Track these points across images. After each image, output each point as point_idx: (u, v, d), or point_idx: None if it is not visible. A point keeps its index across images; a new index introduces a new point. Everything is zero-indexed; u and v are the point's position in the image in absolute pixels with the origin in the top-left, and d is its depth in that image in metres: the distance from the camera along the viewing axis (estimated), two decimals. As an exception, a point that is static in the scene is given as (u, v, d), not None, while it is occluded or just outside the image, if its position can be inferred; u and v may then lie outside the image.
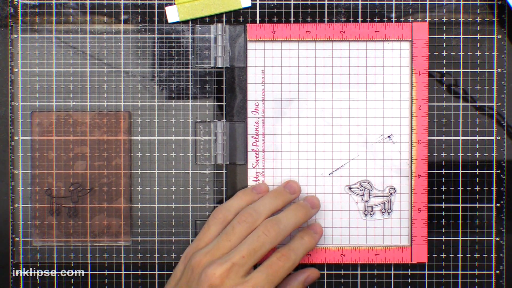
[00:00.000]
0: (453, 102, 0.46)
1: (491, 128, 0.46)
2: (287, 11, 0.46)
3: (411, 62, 0.45)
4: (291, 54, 0.45)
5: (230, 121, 0.45)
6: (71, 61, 0.46)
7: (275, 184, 0.45)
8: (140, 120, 0.46)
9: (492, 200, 0.46)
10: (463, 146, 0.46)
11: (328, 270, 0.46)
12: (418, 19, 0.46)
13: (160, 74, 0.46)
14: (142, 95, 0.46)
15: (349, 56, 0.45)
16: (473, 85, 0.46)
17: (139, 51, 0.46)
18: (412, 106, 0.45)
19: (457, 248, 0.46)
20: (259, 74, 0.45)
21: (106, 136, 0.46)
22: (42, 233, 0.45)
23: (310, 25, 0.45)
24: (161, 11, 0.46)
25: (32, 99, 0.45)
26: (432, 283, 0.46)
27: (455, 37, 0.46)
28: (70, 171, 0.45)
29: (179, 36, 0.46)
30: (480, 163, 0.46)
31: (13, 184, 0.45)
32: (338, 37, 0.45)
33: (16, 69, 0.45)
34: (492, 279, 0.46)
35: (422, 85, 0.45)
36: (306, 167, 0.45)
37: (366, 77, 0.45)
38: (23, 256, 0.46)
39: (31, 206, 0.45)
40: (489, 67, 0.46)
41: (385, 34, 0.45)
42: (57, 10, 0.46)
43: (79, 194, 0.45)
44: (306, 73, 0.45)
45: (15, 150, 0.45)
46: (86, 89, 0.46)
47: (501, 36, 0.46)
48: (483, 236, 0.46)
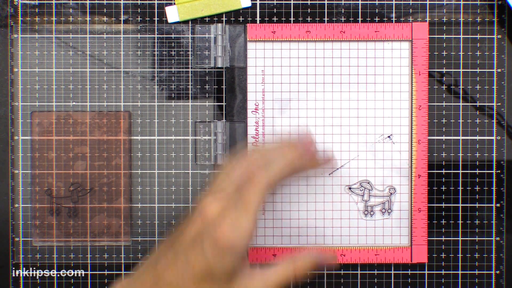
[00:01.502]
0: (453, 102, 0.46)
1: (491, 128, 0.46)
2: (287, 11, 0.46)
3: (411, 62, 0.45)
4: (291, 54, 0.45)
5: (230, 121, 0.45)
6: (71, 61, 0.46)
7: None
8: (140, 120, 0.46)
9: (492, 200, 0.46)
10: (463, 146, 0.46)
11: (328, 270, 0.46)
12: (418, 19, 0.46)
13: (160, 74, 0.46)
14: (142, 95, 0.46)
15: (349, 56, 0.45)
16: (473, 85, 0.46)
17: (139, 51, 0.46)
18: (412, 106, 0.45)
19: (457, 248, 0.46)
20: (259, 74, 0.45)
21: (106, 136, 0.46)
22: (42, 233, 0.45)
23: (310, 25, 0.45)
24: (161, 11, 0.46)
25: (32, 99, 0.45)
26: (432, 283, 0.46)
27: (455, 37, 0.46)
28: (70, 171, 0.45)
29: (179, 36, 0.46)
30: (480, 163, 0.46)
31: (13, 184, 0.45)
32: (338, 37, 0.45)
33: (16, 69, 0.45)
34: (492, 279, 0.46)
35: (422, 85, 0.45)
36: (306, 167, 0.45)
37: (366, 77, 0.45)
38: (23, 256, 0.46)
39: (31, 206, 0.45)
40: (489, 67, 0.46)
41: (385, 34, 0.45)
42: (57, 10, 0.46)
43: (79, 194, 0.45)
44: (306, 73, 0.45)
45: (15, 150, 0.45)
46: (86, 89, 0.46)
47: (501, 36, 0.46)
48: (483, 236, 0.46)
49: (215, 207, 0.38)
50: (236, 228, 0.37)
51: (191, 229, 0.38)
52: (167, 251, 0.38)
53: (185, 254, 0.37)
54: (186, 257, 0.37)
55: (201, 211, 0.38)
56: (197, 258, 0.37)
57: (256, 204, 0.37)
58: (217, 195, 0.38)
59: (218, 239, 0.37)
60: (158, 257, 0.39)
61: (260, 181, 0.38)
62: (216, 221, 0.37)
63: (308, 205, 0.45)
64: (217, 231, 0.37)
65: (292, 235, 0.45)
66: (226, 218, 0.37)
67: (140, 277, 0.39)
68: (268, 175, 0.38)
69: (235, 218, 0.37)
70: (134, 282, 0.38)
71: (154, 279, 0.38)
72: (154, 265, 0.38)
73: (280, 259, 0.41)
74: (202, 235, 0.37)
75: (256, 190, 0.38)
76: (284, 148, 0.40)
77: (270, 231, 0.45)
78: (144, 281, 0.38)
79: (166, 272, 0.38)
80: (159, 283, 0.37)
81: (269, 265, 0.40)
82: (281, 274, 0.40)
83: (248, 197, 0.37)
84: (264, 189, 0.38)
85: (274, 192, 0.45)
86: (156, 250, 0.40)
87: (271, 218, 0.45)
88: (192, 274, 0.37)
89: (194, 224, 0.38)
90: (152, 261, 0.39)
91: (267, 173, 0.38)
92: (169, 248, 0.39)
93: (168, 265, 0.38)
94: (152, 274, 0.38)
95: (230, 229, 0.37)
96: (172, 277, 0.37)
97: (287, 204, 0.45)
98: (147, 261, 0.40)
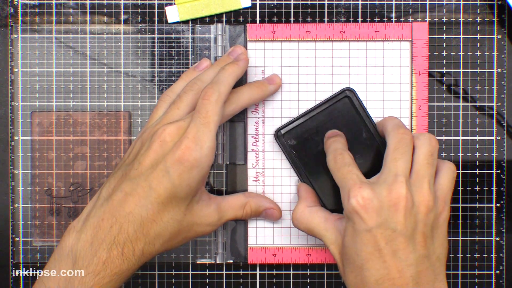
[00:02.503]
0: (453, 102, 0.46)
1: (491, 128, 0.46)
2: (287, 11, 0.46)
3: (411, 62, 0.45)
4: (291, 54, 0.45)
5: (230, 121, 0.45)
6: (71, 61, 0.46)
7: (275, 184, 0.45)
8: (140, 120, 0.46)
9: (492, 200, 0.46)
10: (463, 146, 0.46)
11: (328, 270, 0.46)
12: (418, 19, 0.46)
13: (160, 74, 0.46)
14: (142, 95, 0.46)
15: (349, 56, 0.45)
16: (473, 85, 0.46)
17: (139, 51, 0.46)
18: (412, 106, 0.45)
19: (457, 248, 0.46)
20: (259, 74, 0.45)
21: (106, 136, 0.46)
22: (42, 233, 0.45)
23: (310, 25, 0.45)
24: (161, 11, 0.46)
25: (32, 99, 0.45)
26: (432, 283, 0.46)
27: (455, 37, 0.46)
28: (70, 171, 0.45)
29: (179, 36, 0.46)
30: (480, 163, 0.46)
31: (13, 184, 0.45)
32: (338, 37, 0.45)
33: (16, 69, 0.45)
34: (492, 279, 0.46)
35: (422, 85, 0.45)
36: (306, 167, 0.45)
37: (366, 77, 0.45)
38: (23, 256, 0.46)
39: (31, 206, 0.45)
40: (489, 67, 0.46)
41: (385, 34, 0.45)
42: (57, 10, 0.46)
43: (79, 194, 0.45)
44: (306, 73, 0.45)
45: (15, 150, 0.45)
46: (86, 89, 0.46)
47: (501, 36, 0.46)
48: (483, 236, 0.46)
49: (172, 129, 0.38)
50: (198, 142, 0.37)
51: (149, 156, 0.38)
52: (123, 183, 0.38)
53: (146, 181, 0.37)
54: (148, 183, 0.37)
55: (158, 138, 0.38)
56: (160, 181, 0.37)
57: (214, 117, 0.38)
58: (174, 122, 0.38)
59: (182, 156, 0.37)
60: (111, 191, 0.38)
61: (213, 95, 0.38)
62: (177, 141, 0.37)
63: (308, 205, 0.45)
64: (180, 149, 0.37)
65: (292, 235, 0.45)
66: (187, 135, 0.37)
67: (94, 214, 0.38)
68: (218, 88, 0.38)
69: (196, 133, 0.37)
70: (88, 221, 0.38)
71: (110, 212, 0.37)
72: (108, 199, 0.38)
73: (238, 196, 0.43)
74: (163, 157, 0.37)
75: (210, 103, 0.38)
76: (225, 67, 0.40)
77: (270, 231, 0.45)
78: (99, 217, 0.37)
79: (125, 202, 0.37)
80: (118, 216, 0.37)
81: (225, 196, 0.42)
82: (234, 211, 0.42)
83: (204, 112, 0.38)
84: (218, 101, 0.38)
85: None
86: (105, 186, 0.39)
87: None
88: (155, 198, 0.37)
89: (151, 151, 0.38)
90: (103, 197, 0.38)
91: (217, 86, 0.39)
92: (124, 180, 0.38)
93: (126, 195, 0.37)
94: (107, 208, 0.37)
95: (192, 145, 0.37)
96: (132, 206, 0.37)
97: (287, 204, 0.45)
98: (96, 198, 0.39)
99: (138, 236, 0.37)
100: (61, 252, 0.37)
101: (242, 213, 0.43)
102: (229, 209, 0.42)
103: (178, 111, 0.40)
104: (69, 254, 0.37)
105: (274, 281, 0.46)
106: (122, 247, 0.36)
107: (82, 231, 0.37)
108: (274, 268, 0.46)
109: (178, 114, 0.40)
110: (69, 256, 0.37)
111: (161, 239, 0.38)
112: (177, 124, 0.38)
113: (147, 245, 0.37)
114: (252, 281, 0.46)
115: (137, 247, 0.37)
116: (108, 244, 0.36)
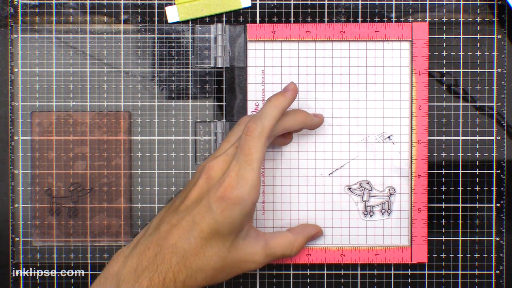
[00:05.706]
0: (453, 102, 0.46)
1: (491, 128, 0.46)
2: (287, 11, 0.46)
3: (411, 62, 0.45)
4: (291, 54, 0.45)
5: (230, 121, 0.45)
6: (71, 61, 0.46)
7: (275, 184, 0.45)
8: (140, 120, 0.46)
9: (492, 200, 0.46)
10: (463, 146, 0.46)
11: (328, 270, 0.46)
12: (418, 19, 0.46)
13: (160, 74, 0.46)
14: (142, 95, 0.46)
15: (349, 56, 0.45)
16: (473, 85, 0.46)
17: (139, 51, 0.46)
18: (412, 106, 0.45)
19: (457, 248, 0.46)
20: (259, 74, 0.45)
21: (106, 136, 0.46)
22: (42, 233, 0.45)
23: (310, 25, 0.45)
24: (161, 11, 0.46)
25: (32, 99, 0.45)
26: (432, 283, 0.46)
27: (455, 37, 0.46)
28: (70, 171, 0.45)
29: (179, 36, 0.46)
30: (480, 163, 0.46)
31: (13, 184, 0.45)
32: (338, 37, 0.45)
33: (16, 69, 0.45)
34: (492, 279, 0.46)
35: (422, 85, 0.45)
36: (306, 167, 0.45)
37: (366, 77, 0.45)
38: (23, 256, 0.46)
39: (31, 206, 0.45)
40: (489, 67, 0.46)
41: (385, 34, 0.45)
42: (57, 10, 0.46)
43: (79, 194, 0.45)
44: (306, 73, 0.45)
45: (15, 150, 0.45)
46: (86, 89, 0.46)
47: (501, 36, 0.46)
48: (483, 236, 0.46)
49: (218, 166, 0.38)
50: (240, 180, 0.37)
51: (195, 191, 0.38)
52: (170, 215, 0.39)
53: (190, 215, 0.38)
54: (192, 217, 0.38)
55: (204, 174, 0.38)
56: (203, 217, 0.37)
57: (257, 154, 0.38)
58: (218, 157, 0.39)
59: (224, 194, 0.37)
60: (160, 221, 0.39)
61: (256, 130, 0.38)
62: (221, 178, 0.38)
63: (308, 205, 0.45)
64: (222, 186, 0.37)
65: (292, 235, 0.45)
66: (229, 173, 0.37)
67: (142, 243, 0.39)
68: (262, 123, 0.38)
69: (238, 171, 0.37)
70: (136, 248, 0.39)
71: (157, 242, 0.38)
72: (156, 229, 0.38)
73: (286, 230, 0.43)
74: (208, 194, 0.38)
75: (254, 139, 0.38)
76: (271, 99, 0.40)
77: (270, 231, 0.45)
78: (146, 246, 0.38)
79: (170, 234, 0.38)
80: (163, 246, 0.37)
81: (273, 233, 0.42)
82: (282, 250, 0.41)
83: (247, 149, 0.38)
84: (261, 137, 0.38)
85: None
86: (157, 216, 0.40)
87: (271, 218, 0.45)
88: (198, 232, 0.37)
89: (197, 186, 0.38)
90: (153, 226, 0.39)
91: (260, 121, 0.38)
92: (171, 212, 0.39)
93: (172, 227, 0.38)
94: (154, 238, 0.38)
95: (235, 182, 0.37)
96: (176, 238, 0.38)
97: (287, 204, 0.45)
98: (147, 228, 0.40)
99: (180, 268, 0.37)
100: (107, 275, 0.38)
101: (290, 252, 0.42)
102: (277, 247, 0.42)
103: (228, 144, 0.40)
104: (113, 278, 0.38)
105: (274, 281, 0.46)
106: (164, 276, 0.37)
107: (129, 257, 0.38)
108: (274, 268, 0.46)
109: (226, 146, 0.40)
110: (114, 280, 0.38)
111: (203, 273, 0.38)
112: (221, 158, 0.39)
113: (189, 278, 0.38)
114: (252, 281, 0.46)
115: (178, 278, 0.37)
116: (151, 272, 0.37)
